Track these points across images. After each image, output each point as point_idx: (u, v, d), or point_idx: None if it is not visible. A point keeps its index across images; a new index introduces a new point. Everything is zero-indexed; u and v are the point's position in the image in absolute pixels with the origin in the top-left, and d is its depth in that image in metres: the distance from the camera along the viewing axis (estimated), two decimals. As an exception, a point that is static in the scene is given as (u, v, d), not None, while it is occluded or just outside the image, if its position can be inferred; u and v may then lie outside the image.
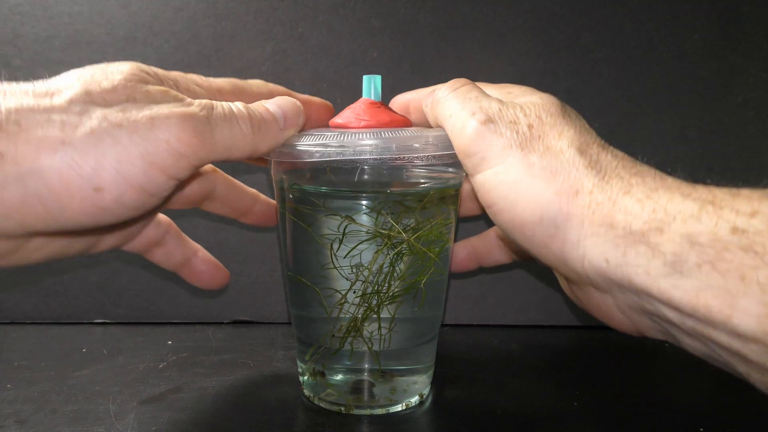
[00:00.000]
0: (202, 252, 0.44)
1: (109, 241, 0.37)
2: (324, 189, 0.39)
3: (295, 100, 0.37)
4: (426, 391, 0.43)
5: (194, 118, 0.30)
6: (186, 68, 0.54)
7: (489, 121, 0.32)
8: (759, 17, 0.53)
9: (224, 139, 0.31)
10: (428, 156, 0.36)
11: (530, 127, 0.31)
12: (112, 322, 0.57)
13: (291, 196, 0.40)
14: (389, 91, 0.54)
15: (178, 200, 0.41)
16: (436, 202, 0.40)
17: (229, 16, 0.53)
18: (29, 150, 0.26)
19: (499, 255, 0.46)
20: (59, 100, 0.28)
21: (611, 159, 0.30)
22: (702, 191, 0.27)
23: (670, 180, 0.28)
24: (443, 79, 0.55)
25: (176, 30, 0.54)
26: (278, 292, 0.57)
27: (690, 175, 0.56)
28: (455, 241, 0.44)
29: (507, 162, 0.30)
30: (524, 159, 0.30)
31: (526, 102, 0.33)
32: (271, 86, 0.40)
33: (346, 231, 0.38)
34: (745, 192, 0.26)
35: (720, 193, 0.26)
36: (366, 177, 0.38)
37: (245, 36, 0.54)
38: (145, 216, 0.36)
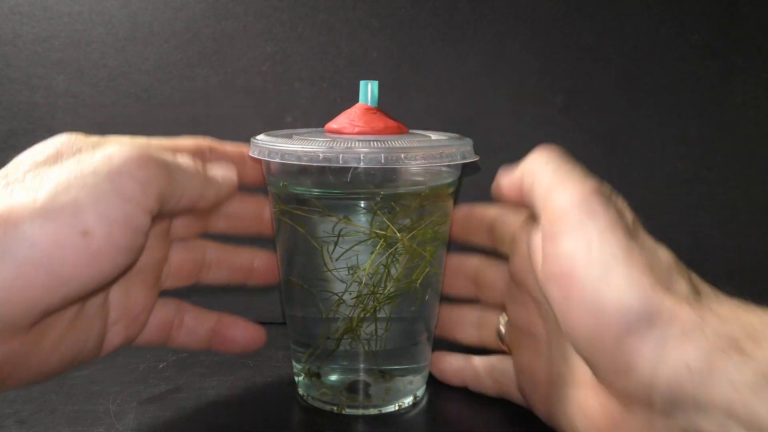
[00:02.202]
0: (225, 316, 0.42)
1: (119, 333, 0.36)
2: (317, 190, 0.39)
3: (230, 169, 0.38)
4: (421, 391, 0.43)
5: (143, 147, 0.30)
6: (186, 68, 0.54)
7: (599, 193, 0.30)
8: (759, 17, 0.53)
9: (177, 171, 0.31)
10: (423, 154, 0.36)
11: (633, 221, 0.30)
12: (112, 322, 0.57)
13: (283, 197, 0.40)
14: (389, 90, 0.54)
15: (172, 275, 0.40)
16: (431, 200, 0.40)
17: (229, 16, 0.53)
18: (8, 222, 0.26)
19: (488, 386, 0.43)
20: (16, 176, 0.28)
21: (697, 277, 0.29)
22: None
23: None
24: (443, 79, 0.55)
25: (176, 30, 0.54)
26: (278, 292, 0.57)
27: (690, 175, 0.56)
28: (449, 242, 0.44)
29: (607, 238, 0.28)
30: (627, 243, 0.28)
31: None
32: (197, 140, 0.39)
33: (340, 232, 0.38)
34: None
35: None
36: (359, 177, 0.38)
37: (245, 36, 0.54)
38: (132, 266, 0.34)
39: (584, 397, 0.31)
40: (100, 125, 0.55)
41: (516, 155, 0.56)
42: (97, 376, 0.46)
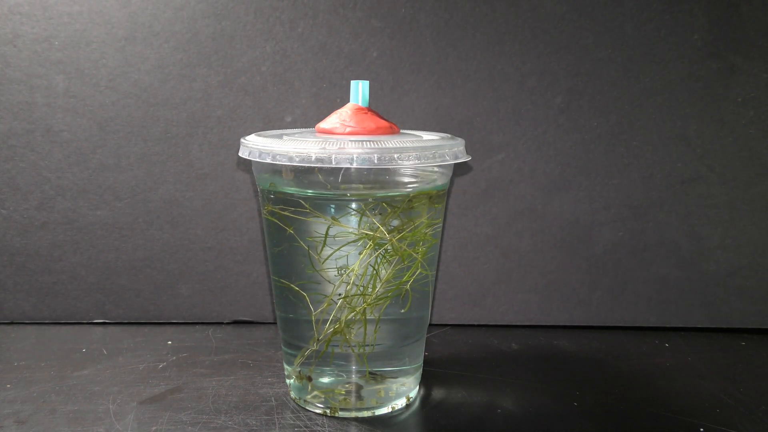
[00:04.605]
0: None
1: None
2: (306, 191, 0.39)
3: None
4: (414, 393, 0.43)
5: None
6: (186, 68, 0.54)
7: None
8: (759, 17, 0.53)
9: None
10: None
11: None
12: (112, 322, 0.57)
13: (272, 198, 0.40)
14: (389, 91, 0.54)
15: None
16: (422, 202, 0.39)
17: (229, 16, 0.53)
18: None
19: None
20: None
21: None
22: None
23: None
24: (443, 79, 0.56)
25: (176, 30, 0.54)
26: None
27: (690, 175, 0.56)
28: (441, 241, 0.43)
29: None
30: None
31: None
32: None
33: (329, 233, 0.38)
34: None
35: None
36: (350, 177, 0.38)
37: (245, 36, 0.54)
38: None
39: None
40: (100, 125, 0.55)
41: (516, 155, 0.56)
42: (97, 376, 0.46)
